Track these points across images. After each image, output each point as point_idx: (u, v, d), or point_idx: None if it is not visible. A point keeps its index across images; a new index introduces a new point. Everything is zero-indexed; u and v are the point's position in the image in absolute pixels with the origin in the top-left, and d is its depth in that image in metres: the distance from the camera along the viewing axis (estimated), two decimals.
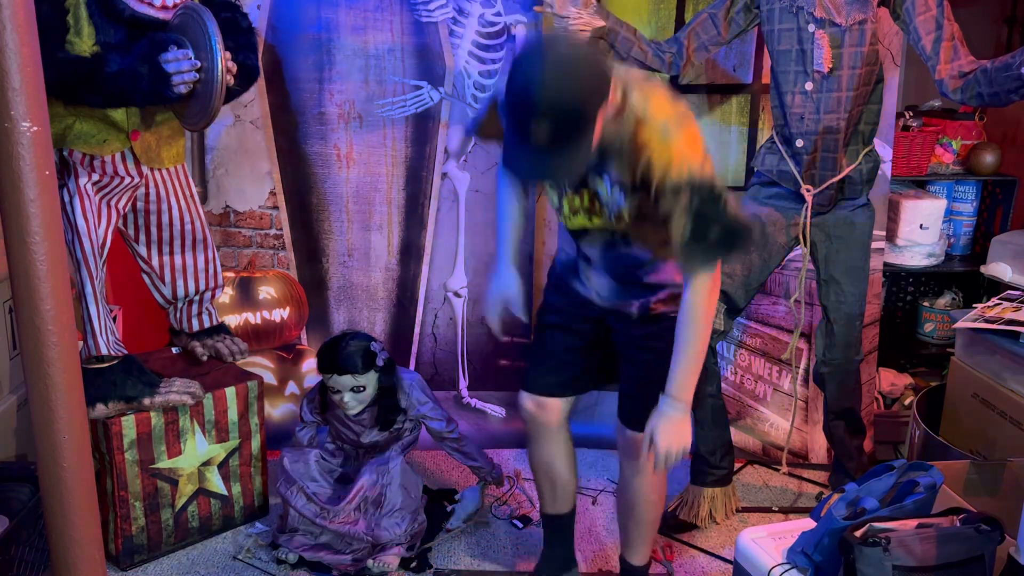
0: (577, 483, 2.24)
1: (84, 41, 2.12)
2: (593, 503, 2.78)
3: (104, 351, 2.31)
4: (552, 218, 2.97)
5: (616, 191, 1.76)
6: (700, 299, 1.78)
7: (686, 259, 1.75)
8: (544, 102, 1.49)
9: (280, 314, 3.03)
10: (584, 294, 2.04)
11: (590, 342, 2.11)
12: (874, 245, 2.60)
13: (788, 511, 2.74)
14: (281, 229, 3.06)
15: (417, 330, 3.14)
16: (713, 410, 2.60)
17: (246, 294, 2.99)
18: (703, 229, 1.68)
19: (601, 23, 2.37)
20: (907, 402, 3.19)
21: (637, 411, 1.98)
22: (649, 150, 1.65)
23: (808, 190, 2.37)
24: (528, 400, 2.14)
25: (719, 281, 1.82)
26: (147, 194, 2.44)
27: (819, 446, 3.01)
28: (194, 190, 2.56)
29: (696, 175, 1.64)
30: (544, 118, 1.49)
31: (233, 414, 2.55)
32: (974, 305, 2.67)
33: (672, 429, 1.83)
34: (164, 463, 2.44)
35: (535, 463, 2.20)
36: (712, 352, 2.58)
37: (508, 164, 1.61)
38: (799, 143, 2.35)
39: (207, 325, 2.72)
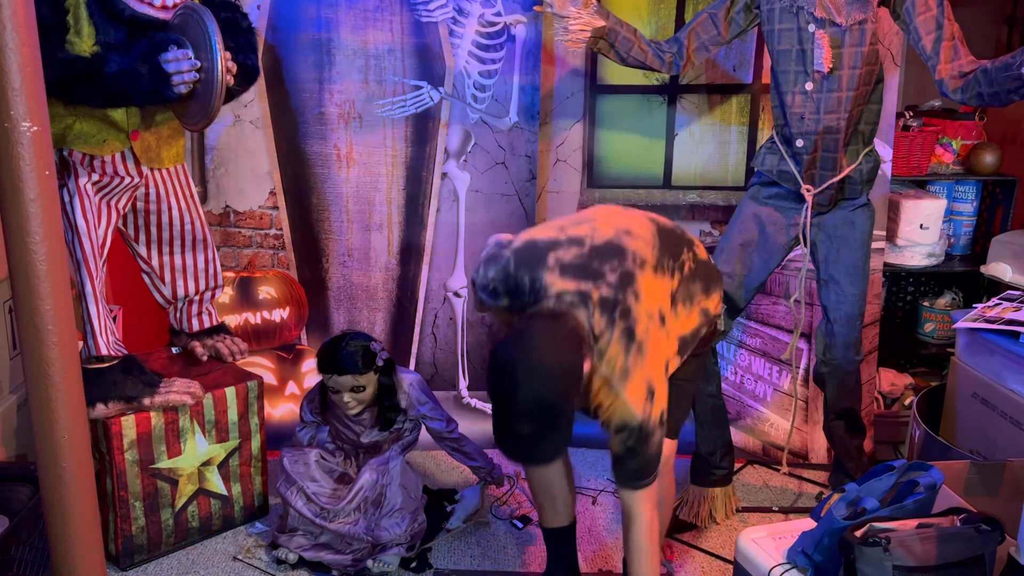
0: (575, 494, 2.23)
1: (84, 41, 2.12)
2: (593, 503, 2.77)
3: (104, 351, 2.30)
4: (552, 217, 2.96)
5: None
6: (644, 533, 1.88)
7: (620, 474, 1.86)
8: (525, 409, 1.61)
9: (280, 314, 3.03)
10: None
11: None
12: (874, 245, 2.60)
13: (788, 511, 2.74)
14: (281, 229, 3.06)
15: (417, 330, 3.14)
16: (713, 410, 2.60)
17: (246, 294, 2.99)
18: (636, 458, 1.81)
19: (601, 23, 2.36)
20: (907, 402, 3.19)
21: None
22: (599, 399, 1.78)
23: (808, 190, 2.37)
24: None
25: (656, 503, 1.89)
26: (147, 194, 2.44)
27: (819, 446, 3.00)
28: (194, 190, 2.56)
29: (636, 421, 1.76)
30: (526, 421, 1.62)
31: (233, 414, 2.55)
32: (974, 305, 2.67)
33: None
34: (164, 463, 2.44)
35: (533, 478, 2.16)
36: (712, 352, 2.59)
37: (502, 447, 1.73)
38: (799, 143, 2.34)
39: (207, 325, 2.72)
